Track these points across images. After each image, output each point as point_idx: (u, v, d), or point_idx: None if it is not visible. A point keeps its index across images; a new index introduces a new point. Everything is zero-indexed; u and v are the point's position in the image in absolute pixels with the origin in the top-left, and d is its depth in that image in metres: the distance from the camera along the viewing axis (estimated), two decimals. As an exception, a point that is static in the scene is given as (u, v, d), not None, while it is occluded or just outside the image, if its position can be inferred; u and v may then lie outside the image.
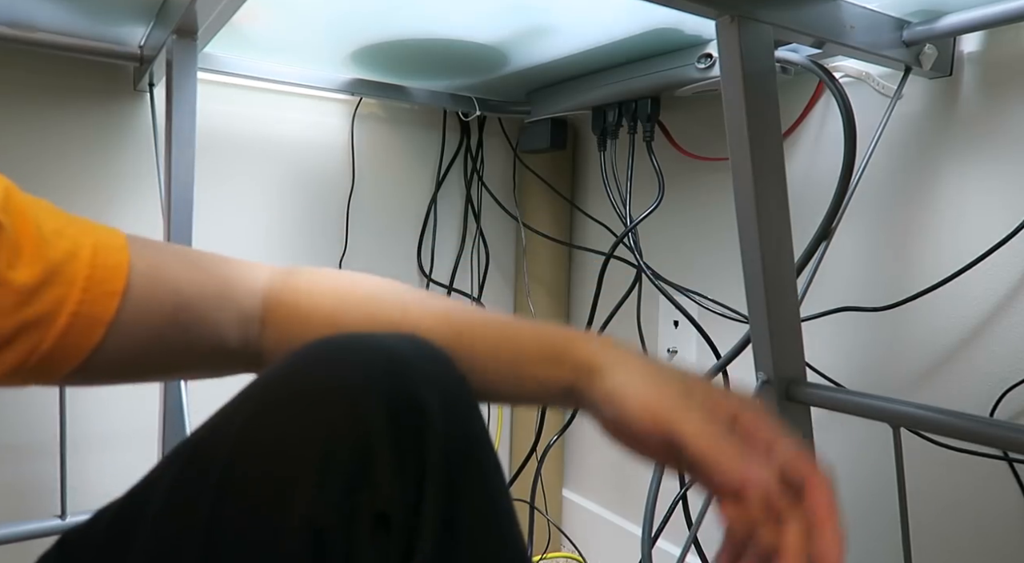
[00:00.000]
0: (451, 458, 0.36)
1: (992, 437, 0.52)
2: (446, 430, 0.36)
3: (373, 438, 0.34)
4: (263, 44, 0.91)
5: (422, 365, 0.38)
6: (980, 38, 0.74)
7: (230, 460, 0.35)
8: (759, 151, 0.60)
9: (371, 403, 0.35)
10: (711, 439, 0.34)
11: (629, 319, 1.19)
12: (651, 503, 0.75)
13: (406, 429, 0.35)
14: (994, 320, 0.74)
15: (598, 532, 1.27)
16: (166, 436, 0.86)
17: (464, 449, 0.37)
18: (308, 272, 0.52)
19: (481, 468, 0.38)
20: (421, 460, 0.35)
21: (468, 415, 0.39)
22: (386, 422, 0.34)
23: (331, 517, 0.33)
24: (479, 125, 1.29)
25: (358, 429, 0.34)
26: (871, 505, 0.85)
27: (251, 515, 0.34)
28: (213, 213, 1.07)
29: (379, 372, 0.36)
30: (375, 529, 0.34)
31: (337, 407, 0.35)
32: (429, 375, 0.37)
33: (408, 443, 0.35)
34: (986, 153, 0.74)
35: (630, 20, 0.79)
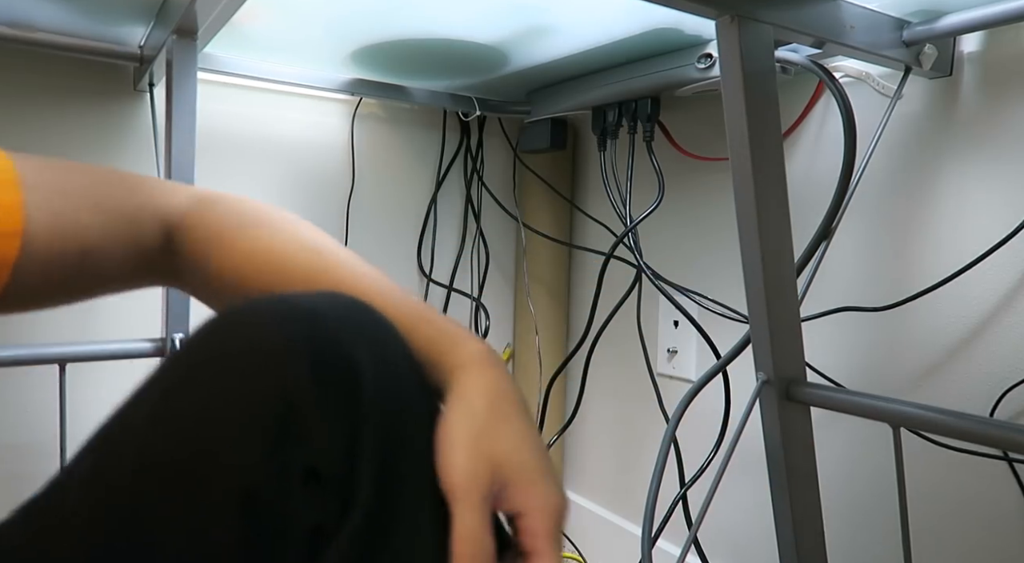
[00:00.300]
0: (385, 410, 0.35)
1: (992, 437, 0.52)
2: (377, 383, 0.36)
3: (297, 395, 0.33)
4: (263, 44, 0.91)
5: (346, 319, 0.37)
6: (980, 38, 0.74)
7: (146, 439, 0.34)
8: (759, 151, 0.60)
9: (293, 360, 0.34)
10: (469, 545, 0.37)
11: (629, 319, 1.19)
12: (651, 503, 0.75)
13: (332, 383, 0.34)
14: (994, 320, 0.74)
15: (598, 532, 1.27)
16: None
17: (398, 401, 0.36)
18: (224, 204, 0.50)
19: (419, 419, 0.38)
20: (351, 413, 0.34)
21: (402, 367, 0.38)
22: (310, 378, 0.34)
23: (259, 477, 0.32)
24: (479, 125, 1.29)
25: (281, 388, 0.33)
26: (871, 505, 0.85)
27: (175, 490, 0.33)
28: (213, 213, 1.06)
29: (300, 329, 0.35)
30: (308, 486, 0.33)
31: (256, 368, 0.34)
32: (355, 329, 0.37)
33: (335, 397, 0.34)
34: (986, 153, 0.74)
35: (630, 20, 0.79)
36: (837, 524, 0.89)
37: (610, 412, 1.25)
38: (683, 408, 0.78)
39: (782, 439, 0.66)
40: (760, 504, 0.99)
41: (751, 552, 1.00)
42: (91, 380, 0.99)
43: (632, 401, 1.21)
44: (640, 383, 1.19)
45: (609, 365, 1.25)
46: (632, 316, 1.19)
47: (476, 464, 0.38)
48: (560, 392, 1.33)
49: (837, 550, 0.89)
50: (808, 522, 0.68)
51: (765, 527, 0.99)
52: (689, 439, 1.08)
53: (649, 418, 1.17)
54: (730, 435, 0.70)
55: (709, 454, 0.93)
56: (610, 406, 1.25)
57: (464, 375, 0.42)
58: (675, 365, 1.11)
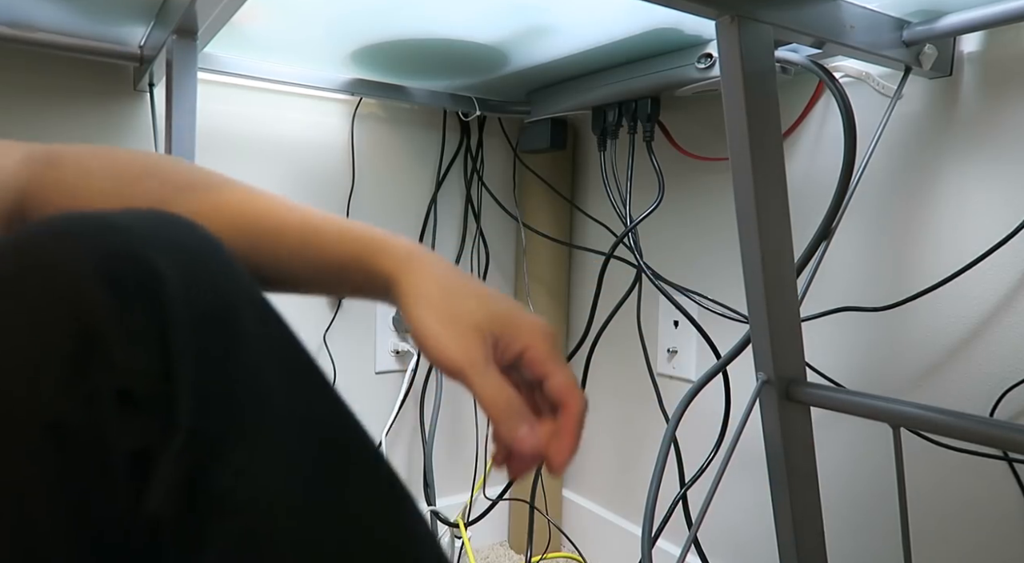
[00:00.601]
0: (199, 317, 0.33)
1: (992, 437, 0.52)
2: (188, 293, 0.33)
3: (94, 315, 0.31)
4: (263, 44, 0.91)
5: (149, 230, 0.34)
6: (980, 38, 0.74)
7: None
8: (759, 151, 0.60)
9: (86, 278, 0.31)
10: (498, 403, 0.40)
11: (629, 319, 1.19)
12: (651, 503, 0.75)
13: (132, 297, 0.32)
14: (994, 320, 0.74)
15: (598, 532, 1.27)
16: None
17: (217, 312, 0.34)
18: (73, 157, 0.48)
19: (244, 331, 0.35)
20: (158, 326, 0.32)
21: (219, 277, 0.35)
22: (107, 294, 0.31)
23: (63, 408, 0.30)
24: (479, 125, 1.29)
25: (74, 309, 0.31)
26: (871, 505, 0.85)
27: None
28: (213, 213, 1.06)
29: (93, 244, 0.32)
30: (125, 410, 0.31)
31: (45, 291, 0.31)
32: (160, 239, 0.34)
33: (138, 312, 0.31)
34: (986, 153, 0.74)
35: (630, 20, 0.79)
36: (837, 524, 0.89)
37: (610, 412, 1.25)
38: (683, 408, 0.78)
39: (782, 439, 0.66)
40: (760, 504, 0.99)
41: (751, 552, 1.00)
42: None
43: (632, 401, 1.21)
44: (640, 383, 1.19)
45: (609, 365, 1.25)
46: (632, 316, 1.19)
47: (464, 340, 0.40)
48: (560, 392, 1.32)
49: (837, 550, 0.89)
50: (808, 522, 0.68)
51: (765, 527, 0.99)
52: (689, 439, 1.08)
53: (649, 418, 1.17)
54: (730, 435, 0.70)
55: (709, 454, 0.93)
56: (610, 406, 1.25)
57: (407, 269, 0.43)
58: (675, 365, 1.11)
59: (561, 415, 0.42)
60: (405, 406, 1.27)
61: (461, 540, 1.24)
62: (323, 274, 0.46)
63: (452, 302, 0.42)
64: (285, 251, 0.46)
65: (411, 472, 1.30)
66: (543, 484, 1.31)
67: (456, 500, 1.35)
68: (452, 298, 0.42)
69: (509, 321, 0.43)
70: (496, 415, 0.40)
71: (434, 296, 0.42)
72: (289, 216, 0.47)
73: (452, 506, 1.34)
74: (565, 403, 0.42)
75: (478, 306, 0.42)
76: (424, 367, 1.28)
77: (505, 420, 0.40)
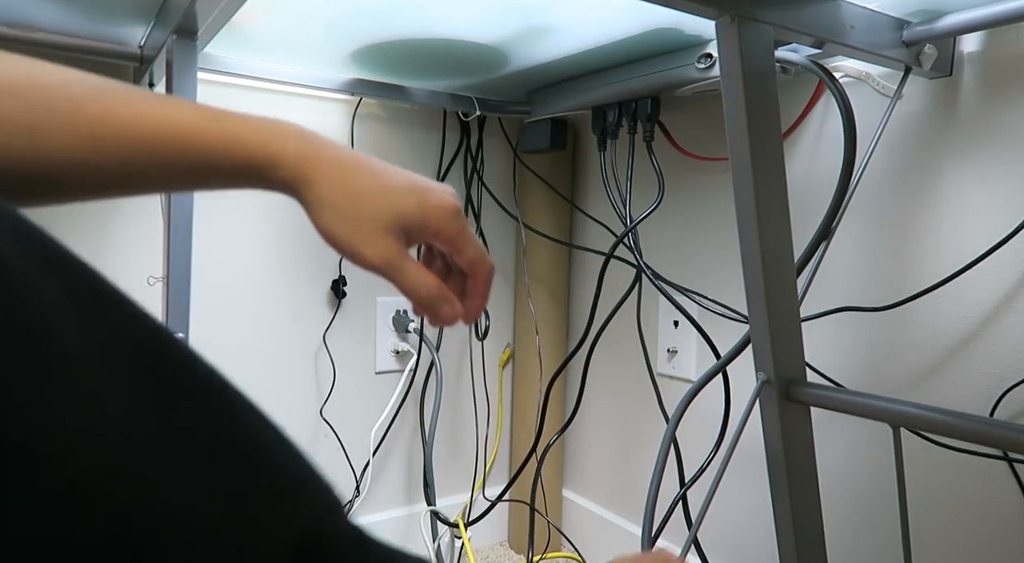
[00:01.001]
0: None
1: (992, 437, 0.52)
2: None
3: None
4: (263, 44, 0.91)
5: None
6: (980, 38, 0.74)
7: None
8: (759, 151, 0.60)
9: None
10: (420, 293, 0.44)
11: (629, 319, 1.19)
12: (651, 503, 0.75)
13: None
14: (994, 320, 0.74)
15: (598, 532, 1.27)
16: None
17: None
18: None
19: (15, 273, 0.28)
20: None
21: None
22: None
23: None
24: (479, 125, 1.29)
25: None
26: (871, 505, 0.85)
27: None
28: (212, 214, 1.07)
29: None
30: None
31: None
32: None
33: None
34: (986, 153, 0.74)
35: (630, 20, 0.79)
36: (837, 524, 0.89)
37: (610, 412, 1.25)
38: (683, 408, 0.78)
39: (782, 439, 0.66)
40: (760, 504, 0.99)
41: (751, 552, 1.00)
42: (91, 380, 0.99)
43: (632, 401, 1.21)
44: (640, 383, 1.19)
45: (609, 365, 1.25)
46: (632, 316, 1.19)
47: (378, 242, 0.43)
48: (560, 392, 1.33)
49: (837, 550, 0.89)
50: (808, 522, 0.68)
51: (765, 527, 0.99)
52: (689, 439, 1.08)
53: (649, 418, 1.17)
54: (730, 435, 0.70)
55: (709, 454, 0.93)
56: (610, 406, 1.25)
57: (306, 180, 0.42)
58: (675, 365, 1.11)
59: (471, 282, 0.48)
60: (405, 406, 1.27)
61: (461, 540, 1.24)
62: (186, 181, 0.42)
63: (359, 206, 0.43)
64: (149, 159, 0.40)
65: (411, 472, 1.30)
66: (543, 484, 1.31)
67: (456, 500, 1.35)
68: (358, 202, 0.43)
69: (415, 212, 0.44)
70: (419, 303, 0.45)
71: (339, 203, 0.42)
72: (164, 122, 0.40)
73: (452, 506, 1.34)
74: (473, 274, 0.48)
75: (384, 203, 0.43)
76: (424, 367, 1.28)
77: (428, 306, 0.45)
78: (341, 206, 0.42)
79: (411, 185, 0.45)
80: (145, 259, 1.02)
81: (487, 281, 0.49)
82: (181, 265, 0.84)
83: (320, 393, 1.19)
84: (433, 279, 0.45)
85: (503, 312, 1.37)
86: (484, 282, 0.49)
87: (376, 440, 1.24)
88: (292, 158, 0.42)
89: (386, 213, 0.43)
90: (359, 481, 1.23)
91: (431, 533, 1.24)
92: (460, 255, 0.47)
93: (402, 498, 1.29)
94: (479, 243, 0.48)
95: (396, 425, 1.27)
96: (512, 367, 1.38)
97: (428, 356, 1.28)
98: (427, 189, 0.45)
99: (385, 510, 1.27)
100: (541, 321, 1.29)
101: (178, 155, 0.41)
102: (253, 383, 1.12)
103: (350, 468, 1.22)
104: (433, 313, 0.46)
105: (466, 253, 0.47)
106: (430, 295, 0.45)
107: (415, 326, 1.25)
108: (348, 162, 0.44)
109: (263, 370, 1.13)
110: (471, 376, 1.35)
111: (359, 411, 1.23)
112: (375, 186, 0.43)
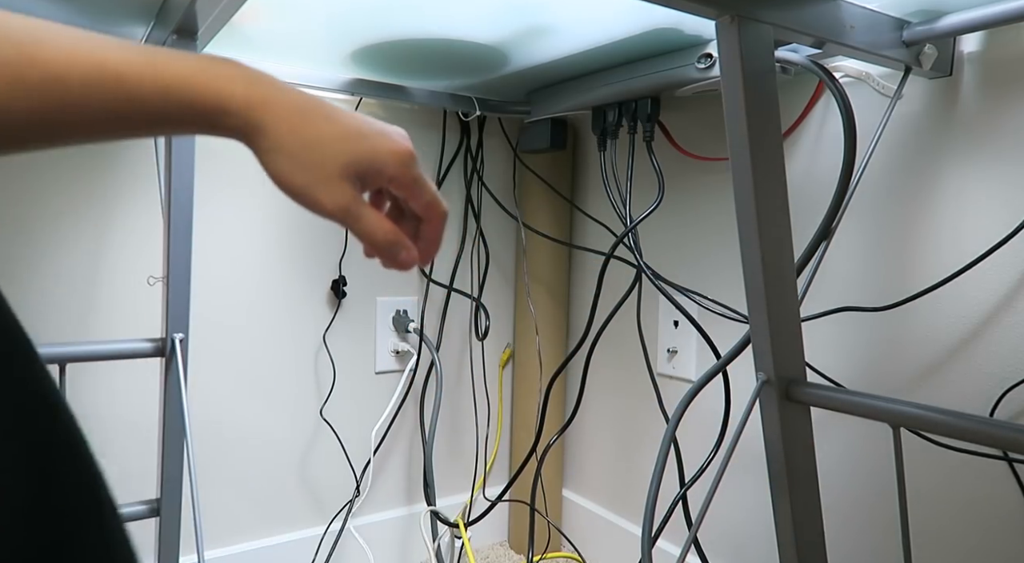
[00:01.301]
0: None
1: (992, 437, 0.52)
2: None
3: None
4: (263, 44, 0.91)
5: None
6: (980, 38, 0.74)
7: None
8: (759, 151, 0.60)
9: None
10: (376, 238, 0.44)
11: (629, 319, 1.19)
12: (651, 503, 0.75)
13: None
14: (994, 320, 0.74)
15: (598, 532, 1.27)
16: (166, 436, 0.87)
17: None
18: None
19: None
20: None
21: None
22: None
23: None
24: (479, 125, 1.29)
25: None
26: (871, 505, 0.85)
27: None
28: (213, 213, 1.07)
29: None
30: None
31: None
32: None
33: None
34: (986, 153, 0.74)
35: (630, 20, 0.79)
36: (837, 524, 0.89)
37: (610, 412, 1.25)
38: (683, 408, 0.78)
39: (782, 439, 0.66)
40: (760, 504, 0.99)
41: (751, 552, 1.00)
42: (91, 380, 0.99)
43: (632, 401, 1.21)
44: (640, 383, 1.19)
45: (609, 365, 1.25)
46: (632, 316, 1.19)
47: (333, 189, 0.42)
48: (560, 392, 1.33)
49: (837, 550, 0.89)
50: (808, 522, 0.68)
51: (765, 527, 0.99)
52: (689, 439, 1.08)
53: (649, 418, 1.17)
54: (730, 435, 0.70)
55: (709, 454, 0.93)
56: (610, 406, 1.25)
57: (258, 126, 0.41)
58: (675, 365, 1.11)
59: (426, 226, 0.48)
60: (405, 406, 1.27)
61: (461, 540, 1.24)
62: (125, 129, 0.40)
63: (313, 152, 0.42)
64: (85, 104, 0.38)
65: (411, 472, 1.30)
66: (543, 484, 1.31)
67: (456, 500, 1.35)
68: (312, 147, 0.42)
69: (371, 159, 0.43)
70: (377, 248, 0.45)
71: (295, 148, 0.41)
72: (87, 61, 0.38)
73: (452, 506, 1.34)
74: (427, 218, 0.48)
75: (340, 150, 0.42)
76: (424, 367, 1.28)
77: (384, 251, 0.45)
78: (298, 153, 0.41)
79: (367, 130, 0.44)
80: (145, 259, 1.02)
81: (441, 224, 0.49)
82: (181, 265, 0.84)
83: (320, 393, 1.19)
84: (389, 225, 0.45)
85: (503, 312, 1.37)
86: (438, 225, 0.49)
87: (376, 440, 1.24)
88: (241, 102, 0.40)
89: (342, 159, 0.42)
90: (359, 481, 1.23)
91: (431, 533, 1.24)
92: (416, 200, 0.47)
93: (402, 498, 1.29)
94: (433, 187, 0.47)
95: (396, 425, 1.27)
96: (512, 367, 1.38)
97: (428, 356, 1.28)
98: (382, 134, 0.44)
99: (385, 510, 1.27)
100: (541, 321, 1.29)
101: (111, 102, 0.38)
102: (253, 383, 1.12)
103: (350, 468, 1.22)
104: (391, 258, 0.46)
105: (422, 198, 0.47)
106: (387, 241, 0.45)
107: (415, 326, 1.25)
108: (303, 107, 0.42)
109: (263, 370, 1.13)
110: (471, 376, 1.35)
111: (359, 411, 1.23)
112: (331, 132, 0.42)
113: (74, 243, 0.97)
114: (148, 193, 1.02)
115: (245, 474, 1.12)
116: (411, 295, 1.26)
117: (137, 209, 1.01)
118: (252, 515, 1.14)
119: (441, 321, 1.30)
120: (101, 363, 0.99)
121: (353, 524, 1.22)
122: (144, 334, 1.02)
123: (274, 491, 1.15)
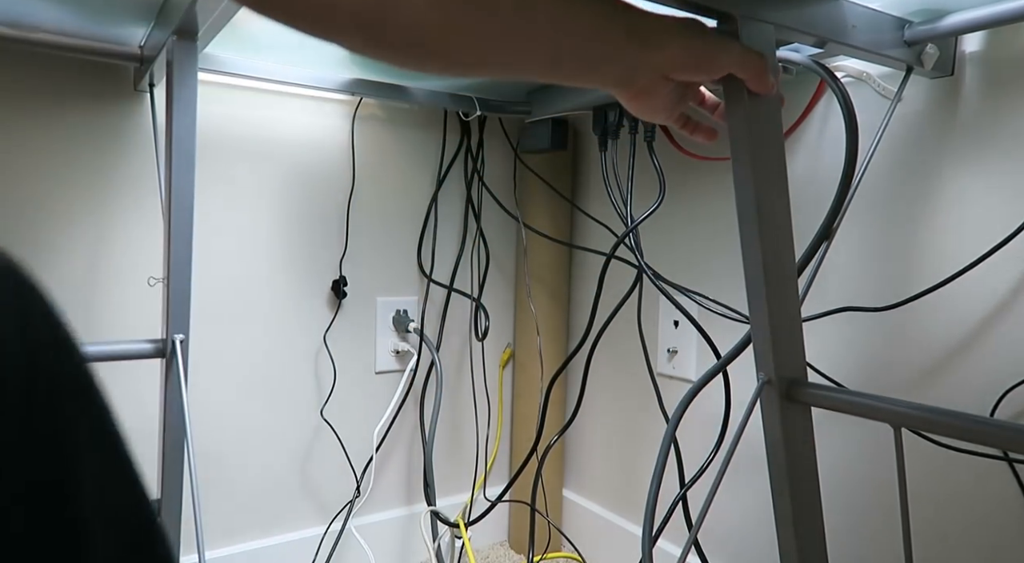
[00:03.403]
0: None
1: (992, 437, 0.52)
2: None
3: None
4: (263, 44, 0.91)
5: None
6: (982, 38, 0.74)
7: None
8: (760, 151, 0.60)
9: None
10: (753, 63, 0.55)
11: (629, 319, 1.19)
12: (651, 503, 0.75)
13: None
14: (994, 320, 0.74)
15: (598, 532, 1.27)
16: (166, 436, 0.86)
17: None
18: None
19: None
20: None
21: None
22: None
23: None
24: (479, 125, 1.29)
25: None
26: (871, 505, 0.85)
27: None
28: (213, 213, 1.07)
29: None
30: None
31: None
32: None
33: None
34: (987, 153, 0.74)
35: (631, 20, 0.79)
36: (837, 524, 0.89)
37: (610, 412, 1.25)
38: (683, 408, 0.78)
39: (783, 439, 0.66)
40: (760, 504, 0.99)
41: (751, 552, 1.00)
42: (91, 380, 0.99)
43: (632, 401, 1.21)
44: (640, 383, 1.19)
45: (609, 365, 1.25)
46: (632, 316, 1.19)
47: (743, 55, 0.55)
48: (560, 392, 1.33)
49: (837, 550, 0.89)
50: (808, 522, 0.68)
51: (765, 527, 0.98)
52: (689, 439, 1.08)
53: (649, 418, 1.17)
54: (730, 435, 0.70)
55: (709, 454, 0.93)
56: (610, 406, 1.25)
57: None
58: (675, 365, 1.11)
59: None
60: (405, 406, 1.27)
61: (461, 540, 1.24)
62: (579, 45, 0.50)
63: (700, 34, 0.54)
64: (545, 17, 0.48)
65: (411, 472, 1.30)
66: (543, 484, 1.31)
67: (456, 500, 1.34)
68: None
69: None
70: (755, 74, 0.55)
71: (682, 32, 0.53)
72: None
73: (452, 506, 1.34)
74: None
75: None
76: (424, 367, 1.28)
77: (764, 78, 0.56)
78: (687, 40, 0.53)
79: None
80: (145, 260, 1.01)
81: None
82: (181, 266, 0.84)
83: (320, 393, 1.19)
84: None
85: (503, 312, 1.37)
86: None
87: (377, 440, 1.24)
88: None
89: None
90: (360, 481, 1.23)
91: (431, 533, 1.24)
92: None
93: (402, 498, 1.29)
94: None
95: (396, 425, 1.27)
96: (512, 367, 1.38)
97: (428, 356, 1.27)
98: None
99: (385, 510, 1.27)
100: (542, 321, 1.29)
101: None
102: (254, 384, 1.12)
103: (350, 468, 1.22)
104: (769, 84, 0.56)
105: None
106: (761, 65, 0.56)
107: (415, 326, 1.25)
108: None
109: (264, 370, 1.13)
110: (471, 376, 1.35)
111: (359, 411, 1.23)
112: None
113: (74, 244, 0.97)
114: (148, 194, 1.02)
115: (245, 474, 1.12)
116: (411, 295, 1.26)
117: (137, 210, 1.01)
118: (253, 515, 1.14)
119: (441, 321, 1.30)
120: (102, 363, 0.99)
121: (354, 524, 1.22)
122: (144, 335, 1.02)
123: (275, 491, 1.15)
